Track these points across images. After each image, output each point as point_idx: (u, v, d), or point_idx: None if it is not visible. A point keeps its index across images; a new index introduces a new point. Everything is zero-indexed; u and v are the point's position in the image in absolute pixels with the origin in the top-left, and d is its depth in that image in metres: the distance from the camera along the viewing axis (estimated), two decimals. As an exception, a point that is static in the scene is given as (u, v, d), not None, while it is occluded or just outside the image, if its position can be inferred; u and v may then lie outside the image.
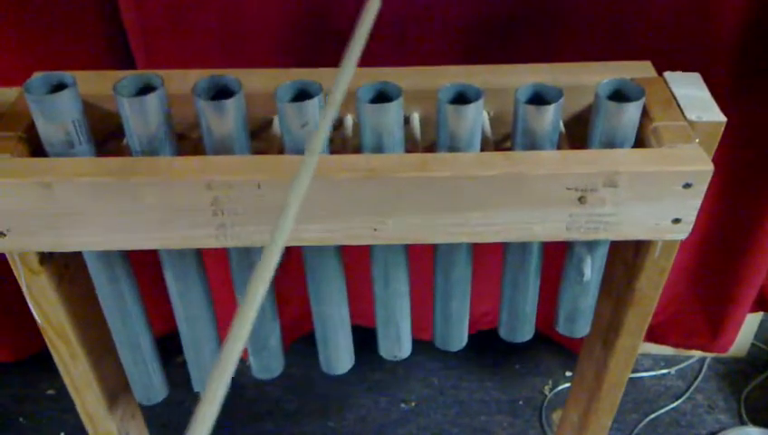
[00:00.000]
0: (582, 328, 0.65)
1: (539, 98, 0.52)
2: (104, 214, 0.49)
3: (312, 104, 0.49)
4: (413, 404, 1.13)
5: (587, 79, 0.55)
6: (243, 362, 1.08)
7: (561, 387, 1.14)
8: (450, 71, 0.57)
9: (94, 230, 0.50)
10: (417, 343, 0.70)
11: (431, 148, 0.56)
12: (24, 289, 0.56)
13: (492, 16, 0.73)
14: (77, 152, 0.50)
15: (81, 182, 0.47)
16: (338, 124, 0.56)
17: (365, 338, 0.74)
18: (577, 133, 0.56)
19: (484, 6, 0.73)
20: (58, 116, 0.48)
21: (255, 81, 0.54)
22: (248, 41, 0.74)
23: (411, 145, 0.55)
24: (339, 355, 0.66)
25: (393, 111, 0.50)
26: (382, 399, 1.13)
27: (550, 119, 0.51)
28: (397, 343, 0.66)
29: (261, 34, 0.74)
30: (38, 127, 0.49)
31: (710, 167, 0.49)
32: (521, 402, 1.13)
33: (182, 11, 0.72)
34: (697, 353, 1.17)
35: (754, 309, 1.04)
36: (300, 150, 0.51)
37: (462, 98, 0.51)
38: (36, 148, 0.51)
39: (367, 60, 0.59)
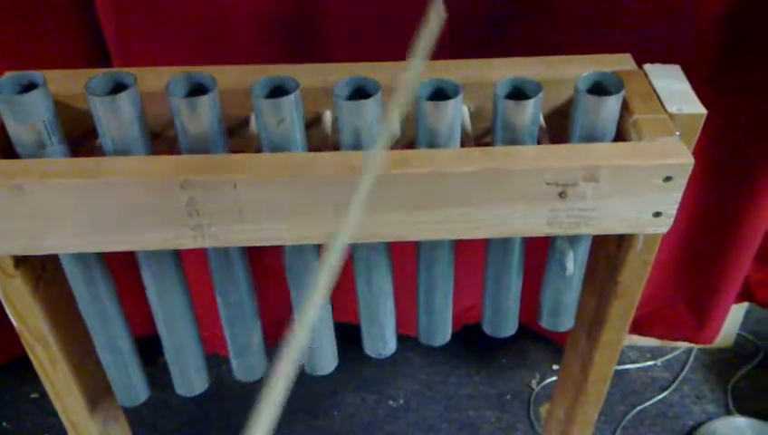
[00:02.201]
0: (566, 322, 0.65)
1: (518, 92, 0.51)
2: (78, 216, 0.48)
3: (288, 101, 0.48)
4: (401, 401, 1.13)
5: (566, 72, 0.55)
6: (226, 362, 1.07)
7: (548, 380, 1.15)
8: (429, 65, 0.56)
9: (68, 232, 0.49)
10: (403, 340, 0.69)
11: (411, 144, 0.55)
12: (0, 293, 0.55)
13: (473, 11, 0.73)
14: (49, 153, 0.49)
15: (53, 184, 0.46)
16: (316, 120, 0.56)
17: (352, 335, 0.73)
18: (557, 127, 0.56)
19: (465, 2, 0.72)
20: (28, 116, 0.47)
21: (231, 77, 0.53)
22: (227, 41, 0.73)
23: (391, 141, 0.55)
24: (322, 356, 0.66)
25: (372, 107, 0.49)
26: (370, 396, 1.13)
27: (529, 113, 0.50)
28: (381, 340, 0.65)
29: (240, 34, 0.73)
30: (8, 128, 0.48)
31: (690, 160, 0.48)
32: (508, 396, 1.13)
33: (159, 11, 0.71)
34: (683, 344, 1.17)
35: (740, 299, 1.05)
36: (277, 148, 0.50)
37: (441, 93, 0.51)
38: (7, 149, 0.50)
39: (351, 57, 0.59)
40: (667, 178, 0.49)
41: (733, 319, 1.13)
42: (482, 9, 0.72)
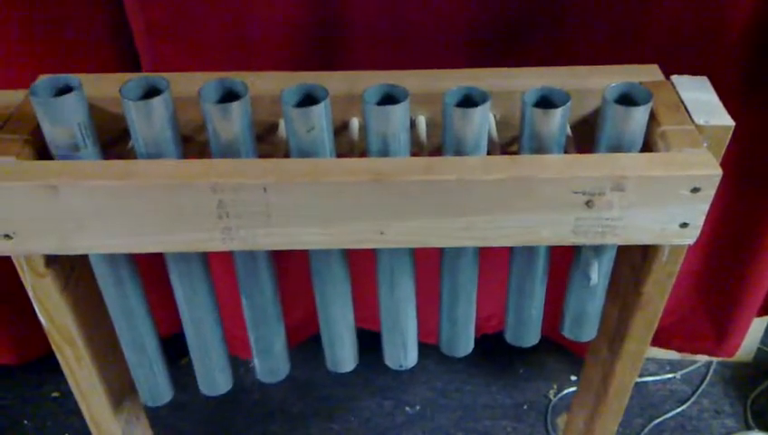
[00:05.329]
0: (589, 332, 0.64)
1: (546, 101, 0.52)
2: (109, 217, 0.49)
3: (318, 109, 0.49)
4: (417, 408, 1.13)
5: (594, 82, 0.55)
6: (245, 365, 1.08)
7: (565, 391, 1.14)
8: (456, 73, 0.56)
9: (99, 233, 0.50)
10: (421, 347, 0.69)
11: (437, 151, 0.56)
12: (30, 292, 0.56)
13: (497, 19, 0.73)
14: (83, 155, 0.50)
15: (86, 185, 0.47)
16: (343, 127, 0.56)
17: (370, 341, 0.73)
18: (584, 137, 0.56)
19: (489, 9, 0.72)
20: (64, 119, 0.48)
21: (262, 84, 0.54)
22: (255, 47, 0.74)
23: (417, 148, 0.55)
24: (344, 355, 0.66)
25: (399, 113, 0.50)
26: (386, 402, 1.13)
27: (557, 122, 0.50)
28: (402, 350, 0.65)
29: (267, 40, 0.74)
30: (44, 130, 0.49)
31: (718, 171, 0.48)
32: (525, 407, 1.12)
33: (188, 17, 0.72)
34: (703, 358, 1.16)
35: (761, 313, 1.04)
36: (305, 154, 0.51)
37: (468, 101, 0.51)
38: (42, 151, 0.51)
39: (372, 63, 0.59)
40: (695, 190, 0.49)
41: (754, 333, 1.11)
42: (509, 17, 0.73)
